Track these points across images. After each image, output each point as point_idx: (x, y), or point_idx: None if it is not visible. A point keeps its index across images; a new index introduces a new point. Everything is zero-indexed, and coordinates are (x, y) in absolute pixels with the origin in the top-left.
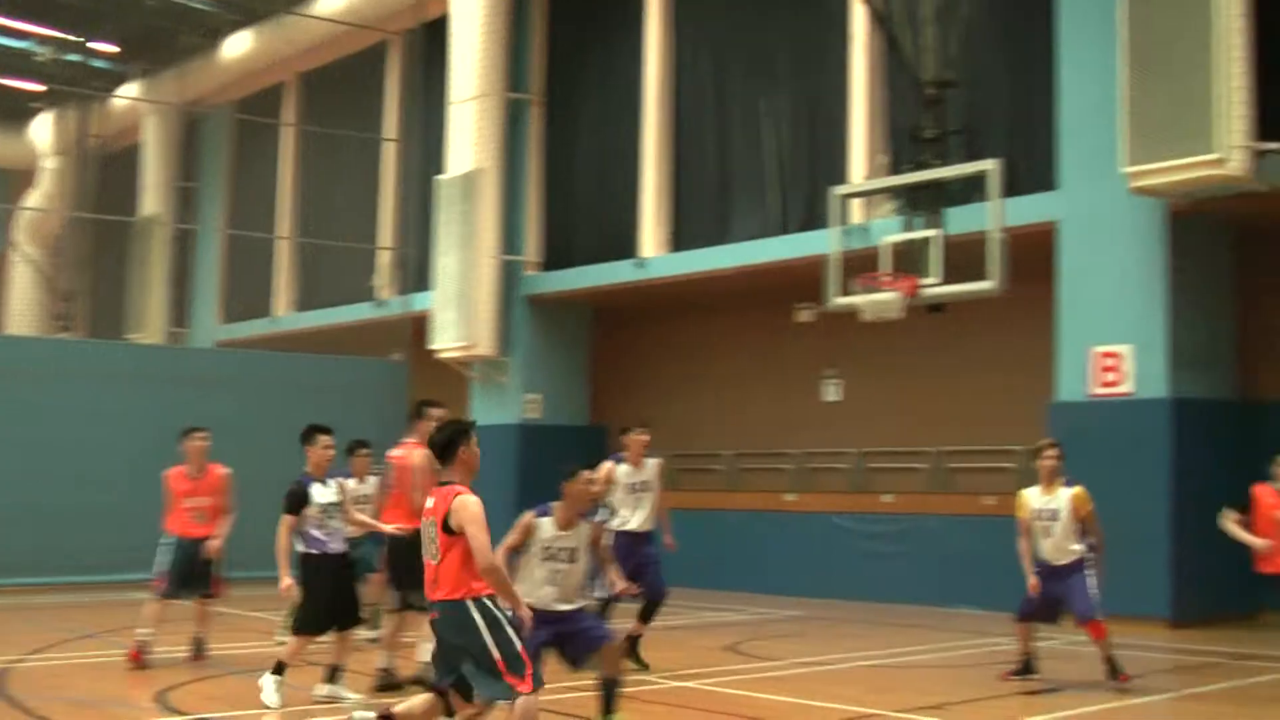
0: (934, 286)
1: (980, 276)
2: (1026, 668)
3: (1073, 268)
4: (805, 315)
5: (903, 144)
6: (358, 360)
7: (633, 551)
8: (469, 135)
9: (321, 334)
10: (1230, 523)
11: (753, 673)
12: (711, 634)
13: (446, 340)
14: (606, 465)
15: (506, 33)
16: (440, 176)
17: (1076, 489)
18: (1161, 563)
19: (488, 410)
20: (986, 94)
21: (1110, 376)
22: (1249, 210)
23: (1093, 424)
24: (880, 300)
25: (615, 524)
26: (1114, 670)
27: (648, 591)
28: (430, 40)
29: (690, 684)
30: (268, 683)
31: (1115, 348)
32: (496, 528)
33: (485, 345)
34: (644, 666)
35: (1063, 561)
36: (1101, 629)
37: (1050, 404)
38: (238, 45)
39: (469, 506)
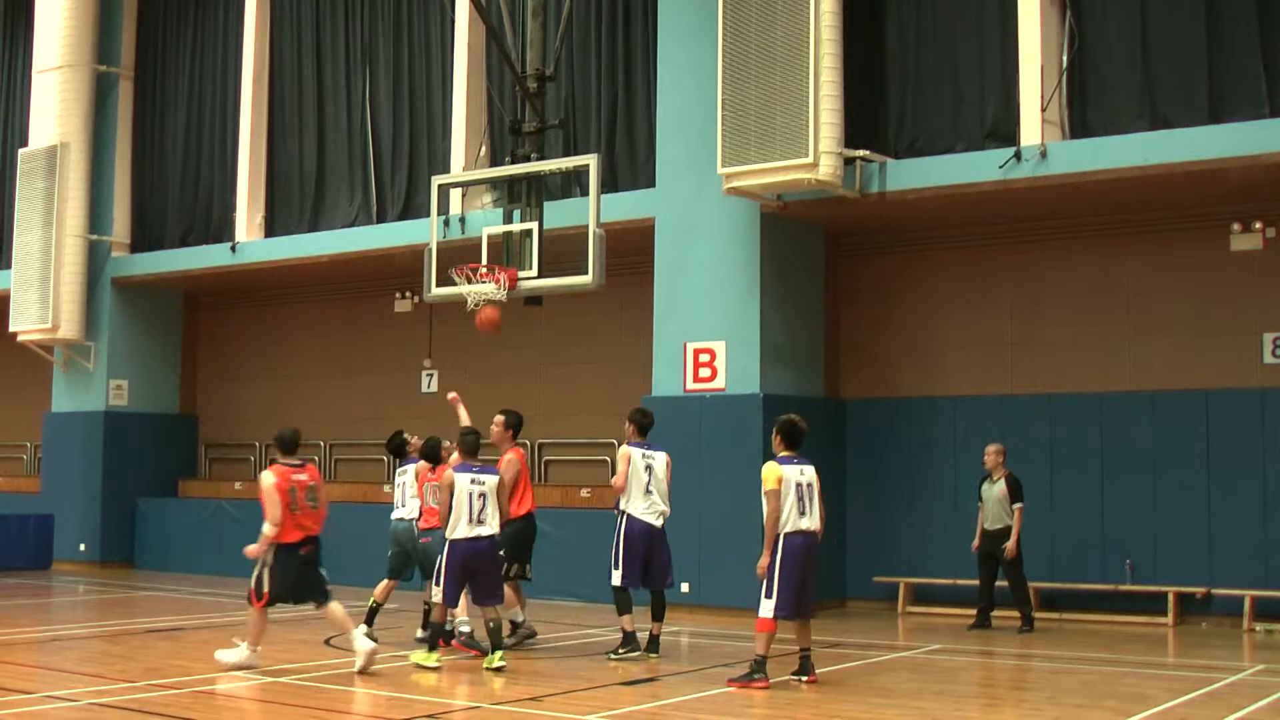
0: (532, 280)
1: (579, 270)
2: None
3: (669, 265)
4: (403, 305)
5: (504, 136)
6: None
7: None
8: (53, 107)
9: None
10: None
11: (347, 667)
12: (305, 627)
13: (27, 322)
14: None
15: (95, 1)
16: (22, 149)
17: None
18: (754, 554)
19: (71, 397)
20: (588, 90)
21: (705, 372)
22: (839, 215)
23: (688, 418)
24: (478, 292)
25: None
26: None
27: None
28: (12, 4)
29: (284, 679)
30: None
31: (709, 344)
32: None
33: (69, 328)
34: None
35: None
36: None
37: (645, 398)
38: None
39: None
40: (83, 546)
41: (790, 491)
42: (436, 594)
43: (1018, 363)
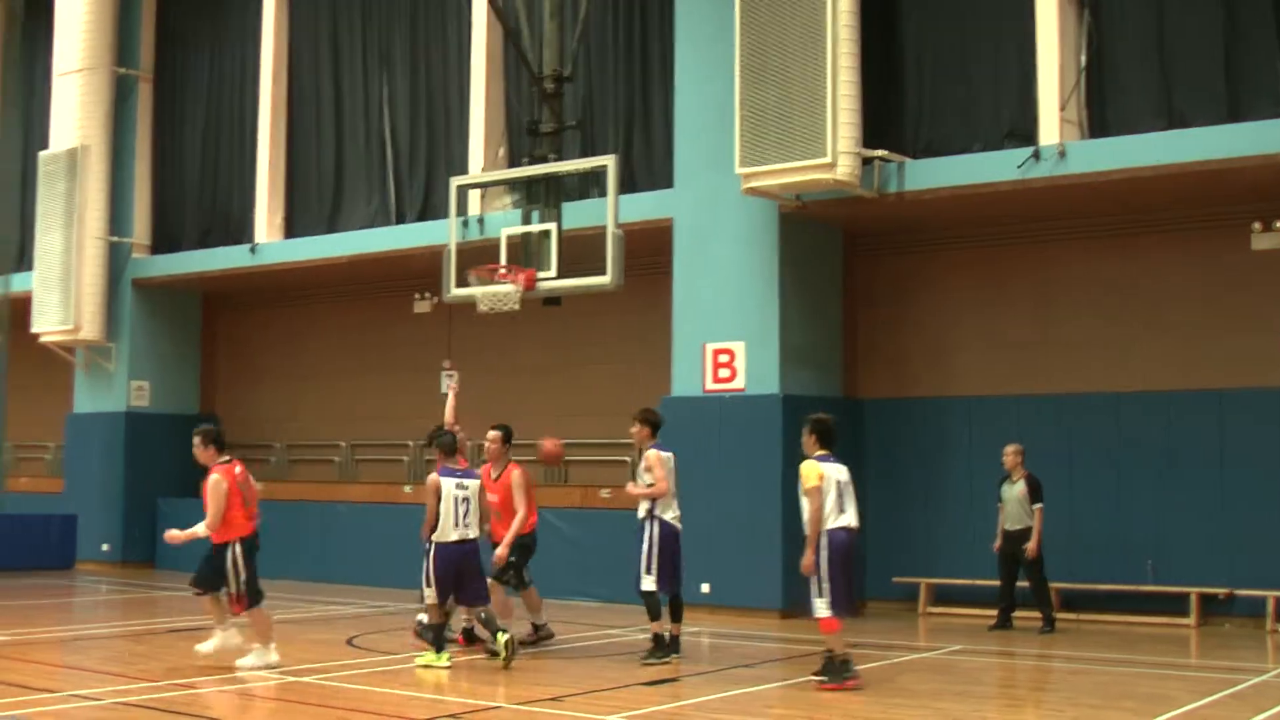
0: (551, 280)
1: (598, 271)
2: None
3: (687, 265)
4: (423, 306)
5: (521, 137)
6: None
7: None
8: (73, 110)
9: None
10: None
11: (369, 667)
12: (327, 628)
13: (48, 323)
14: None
15: (114, 4)
16: (43, 152)
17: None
18: (774, 555)
19: (93, 398)
20: (605, 91)
21: (724, 373)
22: (857, 214)
23: (707, 419)
24: (497, 293)
25: None
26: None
27: None
28: (33, 7)
29: (306, 679)
30: None
31: (729, 344)
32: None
33: (90, 329)
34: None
35: None
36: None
37: (663, 398)
38: None
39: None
40: (105, 546)
41: (831, 489)
42: (430, 595)
43: (1035, 362)
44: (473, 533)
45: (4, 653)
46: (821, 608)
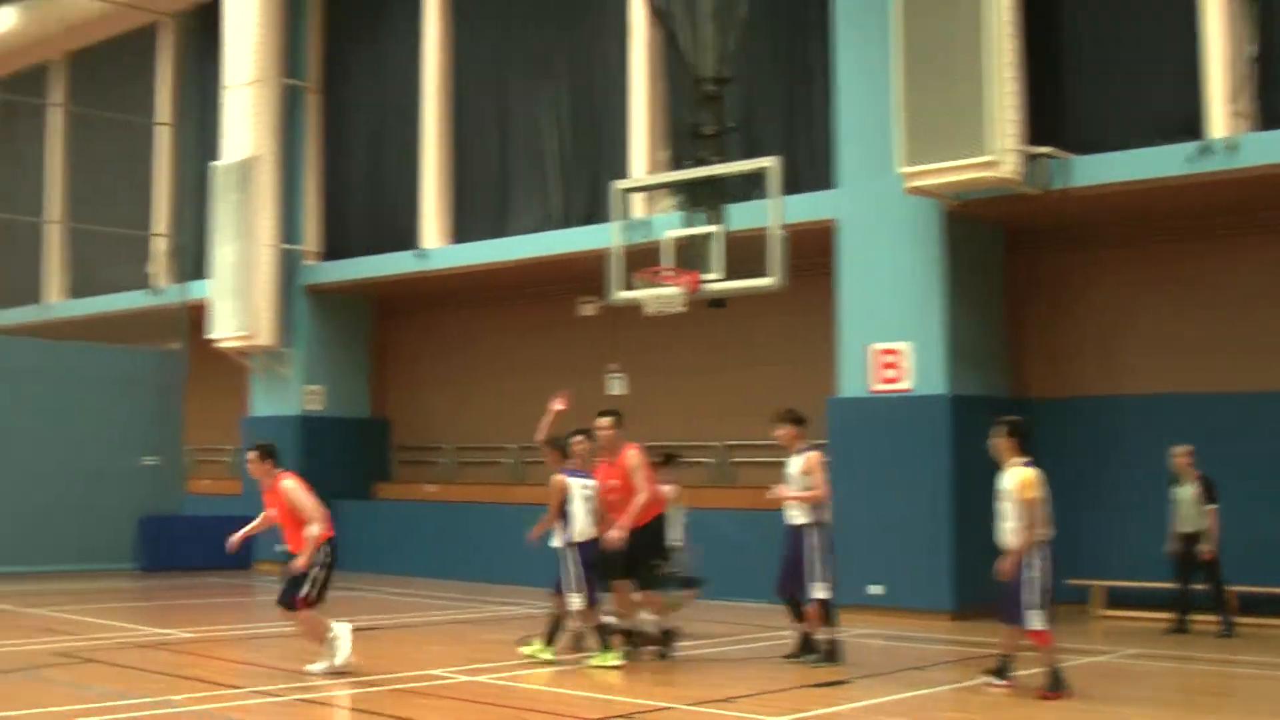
0: (715, 282)
1: (762, 272)
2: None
3: (852, 266)
4: (588, 309)
5: (683, 140)
6: (132, 350)
7: None
8: (245, 121)
9: (95, 322)
10: None
11: (541, 666)
12: (499, 628)
13: (225, 330)
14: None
15: (282, 17)
16: (216, 163)
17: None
18: (945, 556)
19: (269, 401)
20: (766, 92)
21: (890, 373)
22: (1021, 212)
23: (874, 420)
24: (662, 295)
25: None
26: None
27: None
28: (204, 23)
29: (481, 679)
30: None
31: (895, 345)
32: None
33: (265, 336)
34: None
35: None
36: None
37: (829, 399)
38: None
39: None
40: (280, 547)
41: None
42: (579, 600)
43: (1204, 360)
44: (595, 531)
45: (188, 649)
46: (1038, 620)
